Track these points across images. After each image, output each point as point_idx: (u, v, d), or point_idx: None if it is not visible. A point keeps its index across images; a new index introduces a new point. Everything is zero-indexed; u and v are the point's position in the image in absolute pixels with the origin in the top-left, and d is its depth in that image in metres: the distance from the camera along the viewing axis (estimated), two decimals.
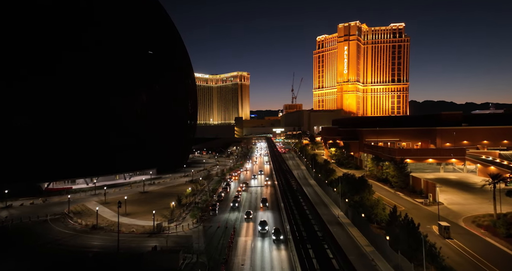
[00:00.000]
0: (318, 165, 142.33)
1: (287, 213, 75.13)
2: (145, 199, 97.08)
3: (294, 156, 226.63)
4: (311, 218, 71.99)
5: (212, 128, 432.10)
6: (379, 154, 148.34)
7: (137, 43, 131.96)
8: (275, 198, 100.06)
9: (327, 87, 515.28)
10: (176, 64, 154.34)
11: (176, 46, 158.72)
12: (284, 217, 75.27)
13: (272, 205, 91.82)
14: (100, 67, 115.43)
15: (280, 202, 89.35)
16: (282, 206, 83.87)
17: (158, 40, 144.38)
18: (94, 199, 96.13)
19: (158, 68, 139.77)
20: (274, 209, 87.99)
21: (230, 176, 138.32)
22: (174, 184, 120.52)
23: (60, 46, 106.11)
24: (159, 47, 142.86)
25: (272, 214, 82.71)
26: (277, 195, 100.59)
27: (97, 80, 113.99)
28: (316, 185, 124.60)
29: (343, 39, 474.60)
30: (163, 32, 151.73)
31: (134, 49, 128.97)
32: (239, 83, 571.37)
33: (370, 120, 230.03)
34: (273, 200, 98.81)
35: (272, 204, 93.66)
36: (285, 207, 79.81)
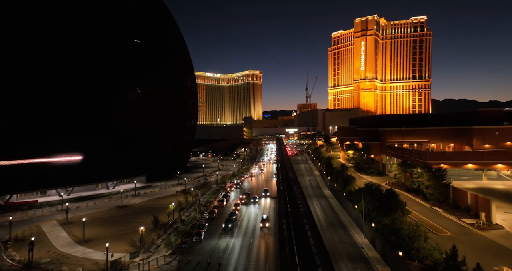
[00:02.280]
0: (333, 171, 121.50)
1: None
2: (119, 217, 79.27)
3: (307, 159, 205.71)
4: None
5: (219, 129, 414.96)
6: (406, 158, 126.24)
7: (129, 37, 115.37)
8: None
9: (343, 85, 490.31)
10: (172, 62, 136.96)
11: (173, 42, 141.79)
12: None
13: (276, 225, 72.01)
14: (85, 61, 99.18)
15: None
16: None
17: (152, 35, 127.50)
18: (57, 217, 78.59)
19: (151, 65, 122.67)
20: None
21: (232, 184, 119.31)
22: (162, 196, 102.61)
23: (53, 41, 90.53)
24: (152, 41, 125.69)
25: (275, 239, 63.15)
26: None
27: (77, 74, 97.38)
28: (331, 197, 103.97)
29: (360, 34, 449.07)
30: (160, 27, 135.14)
31: (124, 43, 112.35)
32: (251, 82, 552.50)
33: (393, 118, 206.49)
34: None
35: (275, 222, 74.03)
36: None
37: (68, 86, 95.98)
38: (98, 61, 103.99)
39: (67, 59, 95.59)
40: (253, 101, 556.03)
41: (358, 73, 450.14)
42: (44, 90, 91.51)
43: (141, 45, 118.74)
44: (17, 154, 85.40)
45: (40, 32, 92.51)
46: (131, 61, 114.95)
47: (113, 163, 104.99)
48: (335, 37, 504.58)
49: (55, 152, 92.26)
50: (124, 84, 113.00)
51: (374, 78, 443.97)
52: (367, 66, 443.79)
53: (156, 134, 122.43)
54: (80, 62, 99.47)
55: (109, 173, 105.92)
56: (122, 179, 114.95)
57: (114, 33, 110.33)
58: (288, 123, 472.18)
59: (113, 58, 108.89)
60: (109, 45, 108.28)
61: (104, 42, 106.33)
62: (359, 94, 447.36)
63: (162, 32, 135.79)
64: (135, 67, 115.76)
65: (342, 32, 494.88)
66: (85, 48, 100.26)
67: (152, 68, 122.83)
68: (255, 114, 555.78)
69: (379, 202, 72.47)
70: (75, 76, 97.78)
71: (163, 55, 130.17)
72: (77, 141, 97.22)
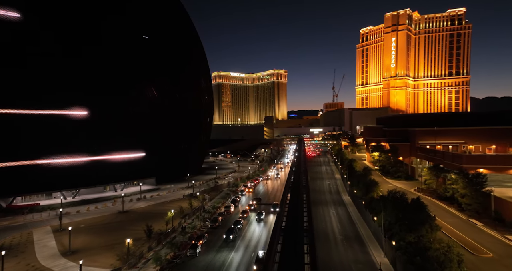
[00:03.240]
0: (355, 175, 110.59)
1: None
2: (117, 224, 74.26)
3: (329, 160, 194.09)
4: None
5: (240, 129, 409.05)
6: (438, 161, 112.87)
7: (144, 36, 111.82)
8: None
9: (371, 83, 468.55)
10: (186, 62, 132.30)
11: (189, 42, 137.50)
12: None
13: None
14: (99, 60, 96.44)
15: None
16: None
17: (167, 34, 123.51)
18: (54, 222, 73.94)
19: (164, 65, 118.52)
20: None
21: (244, 188, 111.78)
22: (168, 200, 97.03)
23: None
24: (167, 41, 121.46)
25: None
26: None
27: (89, 73, 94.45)
28: (351, 204, 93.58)
29: (391, 29, 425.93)
30: (176, 28, 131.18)
31: (138, 42, 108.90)
32: (275, 81, 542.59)
33: (424, 117, 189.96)
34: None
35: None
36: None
37: (79, 84, 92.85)
38: (110, 60, 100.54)
39: (78, 59, 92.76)
40: (277, 100, 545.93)
41: (388, 70, 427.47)
42: (53, 87, 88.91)
43: (155, 45, 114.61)
44: (20, 155, 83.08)
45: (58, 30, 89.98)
46: (144, 61, 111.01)
47: (120, 164, 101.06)
48: (363, 34, 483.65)
49: (59, 153, 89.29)
50: (137, 83, 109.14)
51: (406, 75, 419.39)
52: (398, 63, 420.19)
53: (167, 135, 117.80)
54: (94, 62, 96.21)
55: (116, 175, 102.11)
56: (130, 181, 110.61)
57: (129, 32, 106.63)
58: (313, 123, 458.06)
59: (126, 57, 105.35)
60: (122, 44, 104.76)
61: (118, 41, 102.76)
62: (389, 92, 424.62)
63: (178, 31, 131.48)
64: (147, 67, 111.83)
65: (371, 28, 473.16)
66: (99, 48, 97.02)
67: (165, 68, 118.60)
68: (280, 114, 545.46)
69: (403, 214, 62.12)
70: (86, 74, 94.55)
71: (178, 55, 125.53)
72: (83, 142, 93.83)
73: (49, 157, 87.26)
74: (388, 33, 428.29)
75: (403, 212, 64.30)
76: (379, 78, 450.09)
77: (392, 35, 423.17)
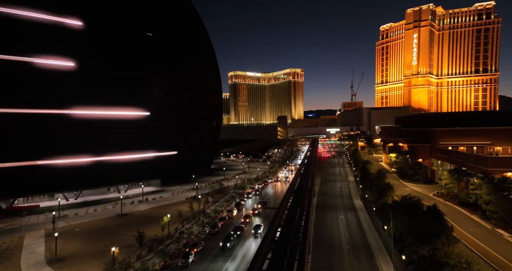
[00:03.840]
0: (368, 178, 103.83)
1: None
2: (112, 228, 71.16)
3: (344, 162, 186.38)
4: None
5: (253, 129, 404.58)
6: (461, 164, 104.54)
7: (152, 34, 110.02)
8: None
9: (392, 82, 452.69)
10: (194, 61, 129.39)
11: (197, 41, 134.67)
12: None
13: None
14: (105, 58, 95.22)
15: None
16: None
17: (175, 32, 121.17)
18: (50, 226, 70.21)
19: (171, 63, 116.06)
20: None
21: (251, 190, 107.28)
22: (170, 202, 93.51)
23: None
24: (175, 38, 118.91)
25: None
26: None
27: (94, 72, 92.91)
28: (362, 210, 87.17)
29: (413, 25, 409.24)
30: (185, 26, 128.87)
31: (145, 40, 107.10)
32: (292, 81, 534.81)
33: (447, 117, 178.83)
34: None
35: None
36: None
37: (82, 83, 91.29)
38: (117, 59, 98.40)
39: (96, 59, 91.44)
40: (293, 100, 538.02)
41: (410, 68, 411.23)
42: (57, 85, 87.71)
43: (161, 43, 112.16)
44: (21, 156, 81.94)
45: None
46: (150, 60, 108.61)
47: (124, 165, 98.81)
48: (383, 31, 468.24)
49: (61, 154, 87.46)
50: (142, 82, 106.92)
51: (428, 73, 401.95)
52: (420, 60, 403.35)
53: (172, 135, 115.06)
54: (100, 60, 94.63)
55: (119, 176, 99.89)
56: (134, 183, 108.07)
57: (135, 29, 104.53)
58: (330, 123, 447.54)
59: (132, 56, 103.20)
60: (129, 41, 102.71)
61: (124, 38, 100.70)
62: (410, 91, 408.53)
63: (187, 31, 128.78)
64: (153, 67, 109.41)
65: (391, 24, 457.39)
66: (106, 44, 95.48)
67: (172, 68, 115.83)
68: (296, 114, 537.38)
69: (417, 223, 55.85)
70: (92, 73, 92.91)
71: (185, 54, 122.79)
72: (84, 142, 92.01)
73: (51, 158, 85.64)
74: (409, 30, 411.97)
75: (417, 220, 58.08)
76: (400, 77, 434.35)
77: (414, 31, 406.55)
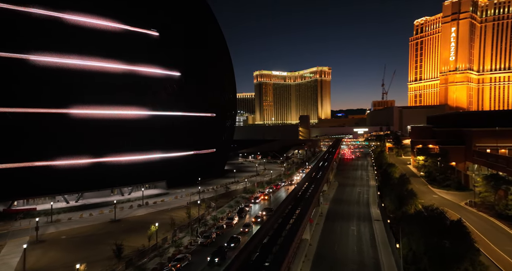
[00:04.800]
0: (389, 183, 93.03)
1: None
2: (100, 236, 65.67)
3: (368, 164, 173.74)
4: None
5: (274, 129, 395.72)
6: (501, 169, 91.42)
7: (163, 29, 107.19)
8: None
9: (426, 79, 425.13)
10: (207, 55, 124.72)
11: (211, 40, 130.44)
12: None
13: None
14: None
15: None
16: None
17: (186, 28, 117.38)
18: (40, 231, 65.78)
19: (181, 59, 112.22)
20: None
21: (260, 195, 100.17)
22: (171, 207, 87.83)
23: None
24: (183, 34, 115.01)
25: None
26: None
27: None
28: (379, 220, 77.25)
29: (450, 18, 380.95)
30: (198, 24, 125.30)
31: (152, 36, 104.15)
32: (318, 79, 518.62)
33: (485, 115, 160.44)
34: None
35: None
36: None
37: (85, 81, 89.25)
38: (125, 56, 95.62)
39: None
40: (320, 99, 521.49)
41: (446, 64, 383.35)
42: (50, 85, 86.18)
43: (172, 39, 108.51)
44: (20, 157, 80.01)
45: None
46: (158, 57, 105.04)
47: (127, 166, 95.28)
48: (418, 25, 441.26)
49: (63, 155, 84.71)
50: (150, 82, 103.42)
51: (468, 69, 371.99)
52: (459, 55, 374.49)
53: (181, 135, 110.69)
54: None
55: (122, 178, 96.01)
56: (138, 185, 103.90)
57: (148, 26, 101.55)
58: (359, 122, 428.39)
59: (139, 51, 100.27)
60: (139, 38, 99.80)
61: (133, 36, 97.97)
62: (446, 88, 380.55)
63: (201, 29, 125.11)
64: (163, 64, 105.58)
65: (427, 18, 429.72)
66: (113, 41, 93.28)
67: (182, 67, 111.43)
68: (323, 113, 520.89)
69: (437, 241, 46.48)
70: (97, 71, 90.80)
71: (195, 48, 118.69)
72: (86, 142, 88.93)
73: (51, 159, 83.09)
74: (447, 23, 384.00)
75: (438, 237, 48.53)
76: (435, 73, 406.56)
77: (452, 24, 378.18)
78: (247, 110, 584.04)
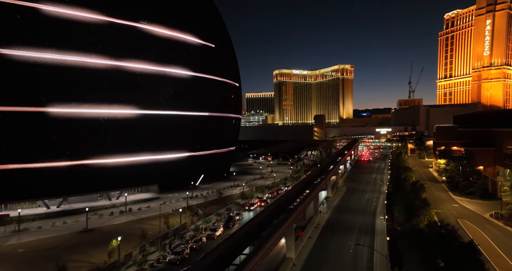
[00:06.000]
0: (401, 190, 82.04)
1: None
2: (60, 250, 58.35)
3: (386, 167, 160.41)
4: None
5: (288, 129, 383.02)
6: None
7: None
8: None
9: (457, 76, 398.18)
10: (210, 53, 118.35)
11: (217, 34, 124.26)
12: None
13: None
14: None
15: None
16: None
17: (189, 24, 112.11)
18: (3, 241, 61.86)
19: (180, 56, 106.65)
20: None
21: (257, 201, 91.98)
22: (154, 215, 79.57)
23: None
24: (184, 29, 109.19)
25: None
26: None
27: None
28: (383, 233, 67.14)
29: (485, 10, 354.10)
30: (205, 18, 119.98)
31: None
32: (340, 78, 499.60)
33: None
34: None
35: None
36: None
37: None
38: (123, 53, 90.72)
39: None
40: (342, 98, 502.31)
41: (480, 59, 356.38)
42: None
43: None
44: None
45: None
46: (156, 53, 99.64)
47: (115, 169, 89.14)
48: (448, 19, 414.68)
49: (42, 156, 78.65)
50: (139, 76, 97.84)
51: (504, 64, 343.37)
52: (494, 50, 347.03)
53: (174, 136, 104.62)
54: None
55: (107, 181, 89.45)
56: (127, 189, 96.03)
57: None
58: (383, 122, 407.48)
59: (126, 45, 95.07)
60: (124, 31, 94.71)
61: (117, 29, 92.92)
62: (479, 85, 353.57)
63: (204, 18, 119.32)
64: (159, 60, 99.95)
65: (458, 11, 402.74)
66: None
67: (173, 58, 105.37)
68: (345, 112, 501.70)
69: (446, 264, 37.64)
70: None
71: (202, 47, 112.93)
72: (68, 143, 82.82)
73: (28, 161, 76.88)
74: (481, 15, 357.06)
75: (446, 262, 39.19)
76: (467, 70, 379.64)
77: (487, 17, 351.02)
78: (267, 109, 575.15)
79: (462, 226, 69.04)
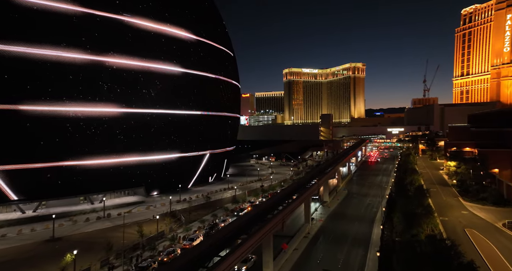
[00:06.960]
0: (404, 196, 74.69)
1: None
2: (13, 264, 53.12)
3: (394, 168, 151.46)
4: None
5: (293, 129, 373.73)
6: None
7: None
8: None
9: (475, 74, 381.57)
10: (206, 50, 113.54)
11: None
12: None
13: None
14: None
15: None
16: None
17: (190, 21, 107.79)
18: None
19: (172, 54, 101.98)
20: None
21: (248, 206, 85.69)
22: (132, 221, 72.44)
23: None
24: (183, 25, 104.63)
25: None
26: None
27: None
28: (377, 245, 60.01)
29: (506, 4, 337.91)
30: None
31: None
32: (351, 76, 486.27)
33: None
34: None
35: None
36: None
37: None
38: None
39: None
40: (353, 97, 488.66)
41: (499, 56, 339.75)
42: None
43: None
44: None
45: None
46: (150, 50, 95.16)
47: (96, 171, 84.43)
48: (466, 14, 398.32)
49: (11, 158, 72.58)
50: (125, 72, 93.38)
51: None
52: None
53: (162, 136, 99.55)
54: None
55: (88, 184, 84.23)
56: (110, 192, 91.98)
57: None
58: (396, 122, 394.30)
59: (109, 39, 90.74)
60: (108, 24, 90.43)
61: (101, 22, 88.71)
62: (499, 83, 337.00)
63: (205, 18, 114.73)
64: (139, 52, 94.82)
65: (476, 6, 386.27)
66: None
67: (162, 53, 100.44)
68: (356, 112, 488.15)
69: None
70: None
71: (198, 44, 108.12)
72: (44, 143, 77.33)
73: (2, 163, 71.90)
74: (501, 10, 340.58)
75: None
76: (486, 67, 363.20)
77: (508, 11, 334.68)
78: (277, 109, 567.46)
79: (470, 237, 61.48)
